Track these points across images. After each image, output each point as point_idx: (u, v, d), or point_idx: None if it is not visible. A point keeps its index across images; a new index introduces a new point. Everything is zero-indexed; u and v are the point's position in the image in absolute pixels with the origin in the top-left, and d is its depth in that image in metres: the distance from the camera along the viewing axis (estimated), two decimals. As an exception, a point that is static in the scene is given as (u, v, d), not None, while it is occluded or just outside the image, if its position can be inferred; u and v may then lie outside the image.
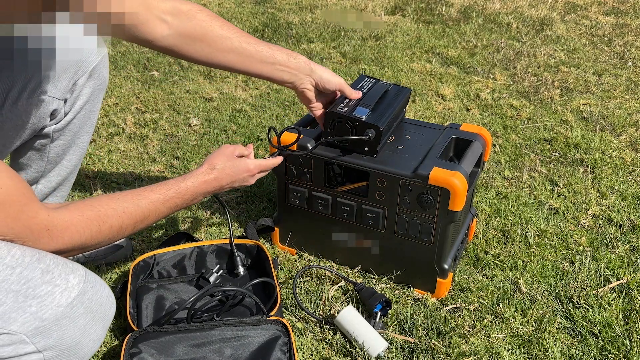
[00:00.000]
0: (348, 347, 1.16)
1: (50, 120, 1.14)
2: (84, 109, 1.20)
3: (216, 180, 1.10)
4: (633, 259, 1.42)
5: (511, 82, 2.43)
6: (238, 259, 1.30)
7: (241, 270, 1.31)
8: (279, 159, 1.23)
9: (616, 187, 1.71)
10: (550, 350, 1.16)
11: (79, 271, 0.85)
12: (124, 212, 0.94)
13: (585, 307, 1.26)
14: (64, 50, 1.07)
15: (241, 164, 1.14)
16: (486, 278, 1.35)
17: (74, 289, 0.82)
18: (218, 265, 1.32)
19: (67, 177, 1.30)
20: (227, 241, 1.33)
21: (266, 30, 3.00)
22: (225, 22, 1.11)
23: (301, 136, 1.25)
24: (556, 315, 1.25)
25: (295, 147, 1.25)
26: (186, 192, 1.05)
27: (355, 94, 1.24)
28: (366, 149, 1.22)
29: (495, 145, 1.93)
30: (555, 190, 1.70)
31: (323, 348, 1.17)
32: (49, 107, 1.11)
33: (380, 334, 1.17)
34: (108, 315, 0.88)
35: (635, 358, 1.14)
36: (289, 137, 1.28)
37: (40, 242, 0.83)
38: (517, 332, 1.20)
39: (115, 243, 1.41)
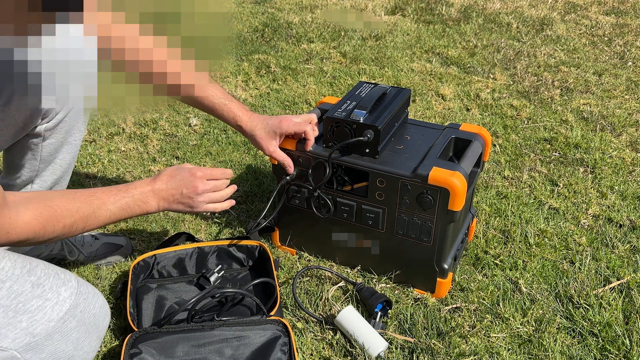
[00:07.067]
0: (348, 347, 1.16)
1: (42, 119, 1.14)
2: (78, 107, 1.19)
3: (159, 179, 1.10)
4: (633, 259, 1.42)
5: (511, 82, 2.43)
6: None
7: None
8: (228, 172, 1.20)
9: (616, 187, 1.71)
10: (550, 350, 1.16)
11: (70, 282, 0.84)
12: (77, 212, 0.95)
13: (585, 307, 1.26)
14: (64, 66, 1.07)
15: (185, 166, 1.14)
16: (486, 278, 1.35)
17: (66, 303, 0.81)
18: (219, 266, 1.32)
19: (62, 176, 1.29)
20: (228, 242, 1.33)
21: (266, 30, 3.00)
22: None
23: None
24: (556, 315, 1.25)
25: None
26: (135, 189, 1.06)
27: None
28: (367, 150, 1.22)
29: (495, 145, 1.93)
30: (555, 190, 1.70)
31: (323, 348, 1.17)
32: (43, 107, 1.11)
33: (380, 334, 1.17)
34: (102, 326, 0.88)
35: (635, 358, 1.14)
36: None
37: None
38: (517, 332, 1.20)
39: (115, 242, 1.41)
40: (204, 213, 1.17)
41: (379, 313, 1.21)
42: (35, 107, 1.10)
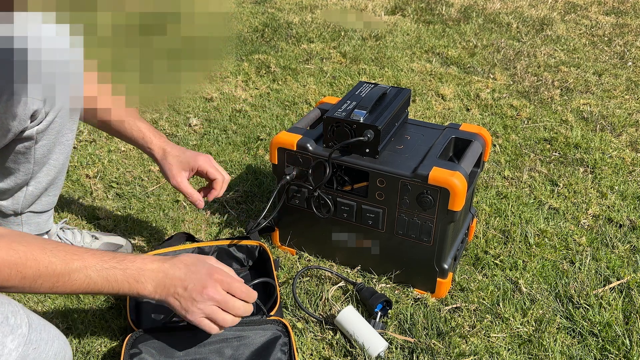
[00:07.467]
0: (348, 347, 1.16)
1: (32, 121, 1.12)
2: (65, 107, 1.19)
3: (170, 261, 0.94)
4: (633, 259, 1.42)
5: (511, 82, 2.43)
6: None
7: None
8: (253, 295, 1.02)
9: (616, 187, 1.71)
10: (550, 350, 1.16)
11: (20, 329, 0.75)
12: (46, 267, 0.81)
13: (585, 307, 1.26)
14: (50, 53, 1.05)
15: (208, 261, 0.98)
16: (486, 278, 1.35)
17: (11, 355, 0.72)
18: (218, 266, 1.32)
19: (57, 176, 1.29)
20: (228, 242, 1.33)
21: (266, 30, 3.00)
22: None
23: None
24: (556, 315, 1.25)
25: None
26: (132, 263, 0.89)
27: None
28: (367, 150, 1.22)
29: (495, 145, 1.93)
30: (555, 190, 1.70)
31: (323, 348, 1.17)
32: (30, 108, 1.09)
33: (380, 334, 1.17)
34: None
35: (635, 358, 1.14)
36: (288, 137, 1.28)
37: None
38: (517, 332, 1.20)
39: (115, 242, 1.41)
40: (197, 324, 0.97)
41: (379, 313, 1.21)
42: (22, 108, 1.08)
